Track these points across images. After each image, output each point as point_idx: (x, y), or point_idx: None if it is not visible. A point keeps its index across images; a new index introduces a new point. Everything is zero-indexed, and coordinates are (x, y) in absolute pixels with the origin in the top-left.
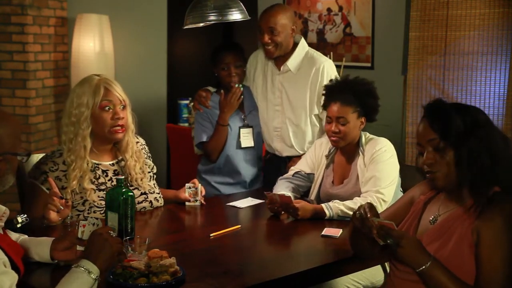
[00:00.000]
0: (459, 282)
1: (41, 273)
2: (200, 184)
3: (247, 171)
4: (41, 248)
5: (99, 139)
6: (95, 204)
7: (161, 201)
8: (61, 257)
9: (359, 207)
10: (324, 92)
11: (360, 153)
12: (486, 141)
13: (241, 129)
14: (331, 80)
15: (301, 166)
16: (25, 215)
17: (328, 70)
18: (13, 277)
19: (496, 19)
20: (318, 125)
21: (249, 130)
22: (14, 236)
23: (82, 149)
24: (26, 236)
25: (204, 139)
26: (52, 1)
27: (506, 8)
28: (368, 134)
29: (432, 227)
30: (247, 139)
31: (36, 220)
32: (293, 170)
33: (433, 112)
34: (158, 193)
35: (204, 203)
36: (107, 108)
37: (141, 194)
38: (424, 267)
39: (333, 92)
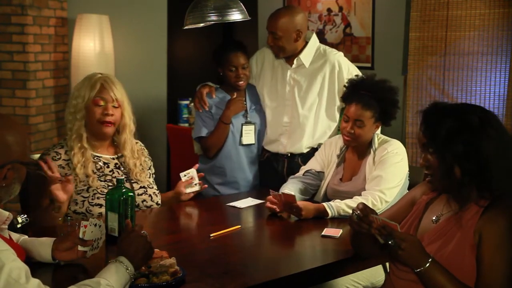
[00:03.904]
0: (458, 283)
1: (42, 273)
2: (193, 169)
3: (248, 168)
4: (42, 248)
5: (92, 132)
6: (98, 191)
7: (159, 198)
8: (63, 257)
9: (353, 211)
10: (346, 85)
11: (372, 151)
12: (474, 146)
13: (244, 126)
14: (356, 76)
15: (312, 164)
16: (25, 215)
17: (343, 63)
18: (25, 266)
19: (496, 19)
20: (337, 121)
21: (252, 127)
22: (14, 236)
23: (79, 135)
24: (27, 237)
25: (204, 134)
26: (52, 1)
27: (506, 8)
28: (380, 134)
29: (434, 227)
30: (249, 136)
31: (45, 212)
32: (303, 169)
33: (426, 117)
34: (157, 190)
35: (205, 185)
36: (99, 103)
37: (141, 187)
38: (422, 268)
39: (356, 92)
